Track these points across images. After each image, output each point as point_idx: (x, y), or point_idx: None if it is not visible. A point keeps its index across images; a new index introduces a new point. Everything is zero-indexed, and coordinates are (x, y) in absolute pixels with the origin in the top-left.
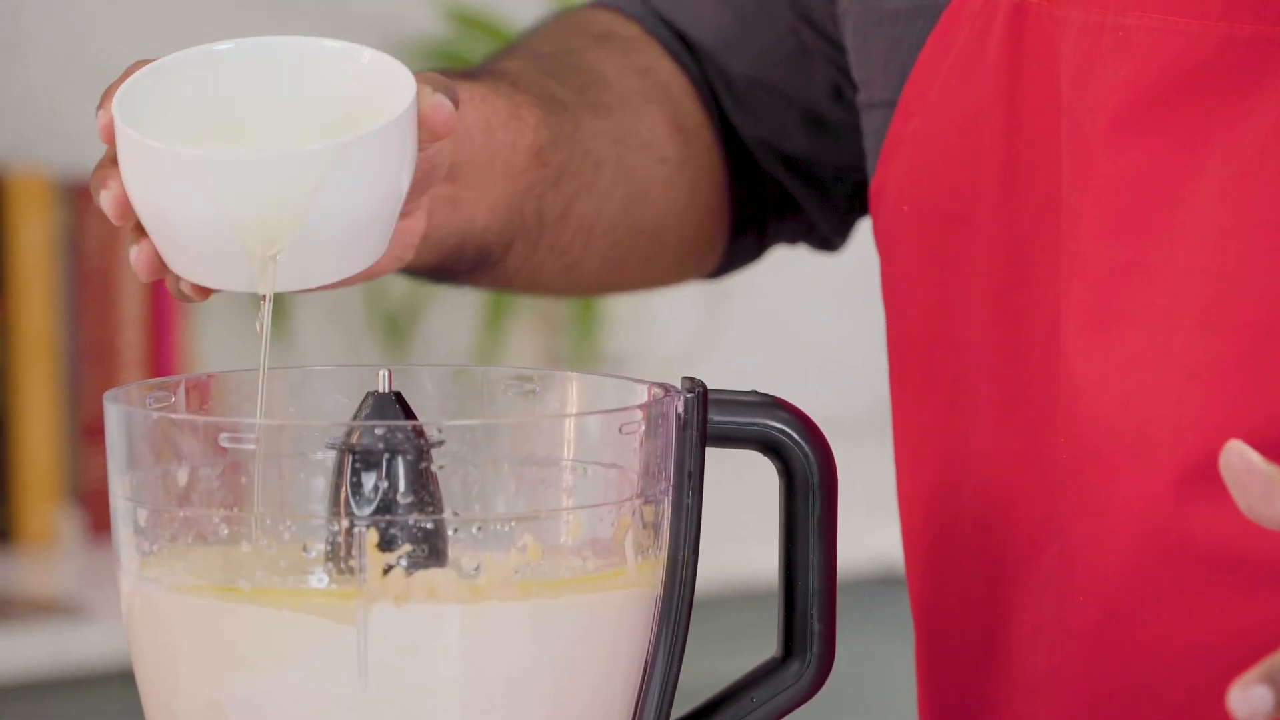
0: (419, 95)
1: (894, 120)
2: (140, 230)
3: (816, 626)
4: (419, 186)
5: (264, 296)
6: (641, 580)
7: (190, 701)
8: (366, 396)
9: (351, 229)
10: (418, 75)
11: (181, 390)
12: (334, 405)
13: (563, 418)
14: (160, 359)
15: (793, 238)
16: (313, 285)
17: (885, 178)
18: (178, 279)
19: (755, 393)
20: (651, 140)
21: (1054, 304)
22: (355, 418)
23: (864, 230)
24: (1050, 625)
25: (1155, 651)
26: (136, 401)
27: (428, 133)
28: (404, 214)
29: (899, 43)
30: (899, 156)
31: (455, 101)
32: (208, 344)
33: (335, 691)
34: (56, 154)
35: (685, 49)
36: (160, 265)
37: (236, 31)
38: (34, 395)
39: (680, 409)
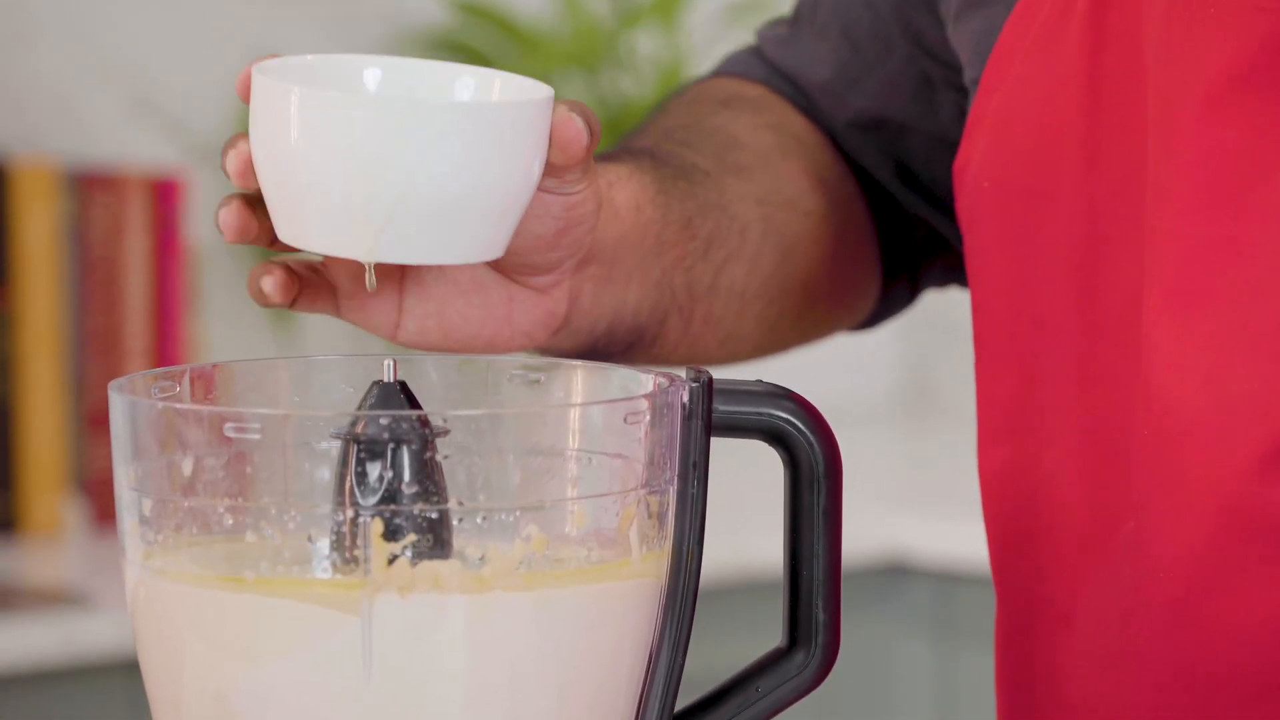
0: (556, 109)
1: (977, 96)
2: (239, 195)
3: (821, 616)
4: (557, 263)
5: (368, 266)
6: (646, 570)
7: (195, 691)
8: (371, 386)
9: (466, 203)
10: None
11: (186, 380)
12: (339, 395)
13: (568, 407)
14: (165, 348)
15: (943, 279)
16: (416, 259)
17: (969, 154)
18: (260, 276)
19: (760, 382)
20: (794, 195)
21: (1136, 280)
22: (360, 408)
23: None
24: (1126, 601)
25: (1232, 629)
26: (141, 391)
27: (558, 150)
28: (542, 291)
29: (993, 23)
30: (981, 132)
31: (592, 131)
32: (212, 334)
33: (340, 682)
34: (62, 143)
35: (810, 99)
36: (248, 225)
37: (242, 21)
38: (39, 384)
39: (685, 399)
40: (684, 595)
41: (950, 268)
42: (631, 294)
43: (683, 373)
